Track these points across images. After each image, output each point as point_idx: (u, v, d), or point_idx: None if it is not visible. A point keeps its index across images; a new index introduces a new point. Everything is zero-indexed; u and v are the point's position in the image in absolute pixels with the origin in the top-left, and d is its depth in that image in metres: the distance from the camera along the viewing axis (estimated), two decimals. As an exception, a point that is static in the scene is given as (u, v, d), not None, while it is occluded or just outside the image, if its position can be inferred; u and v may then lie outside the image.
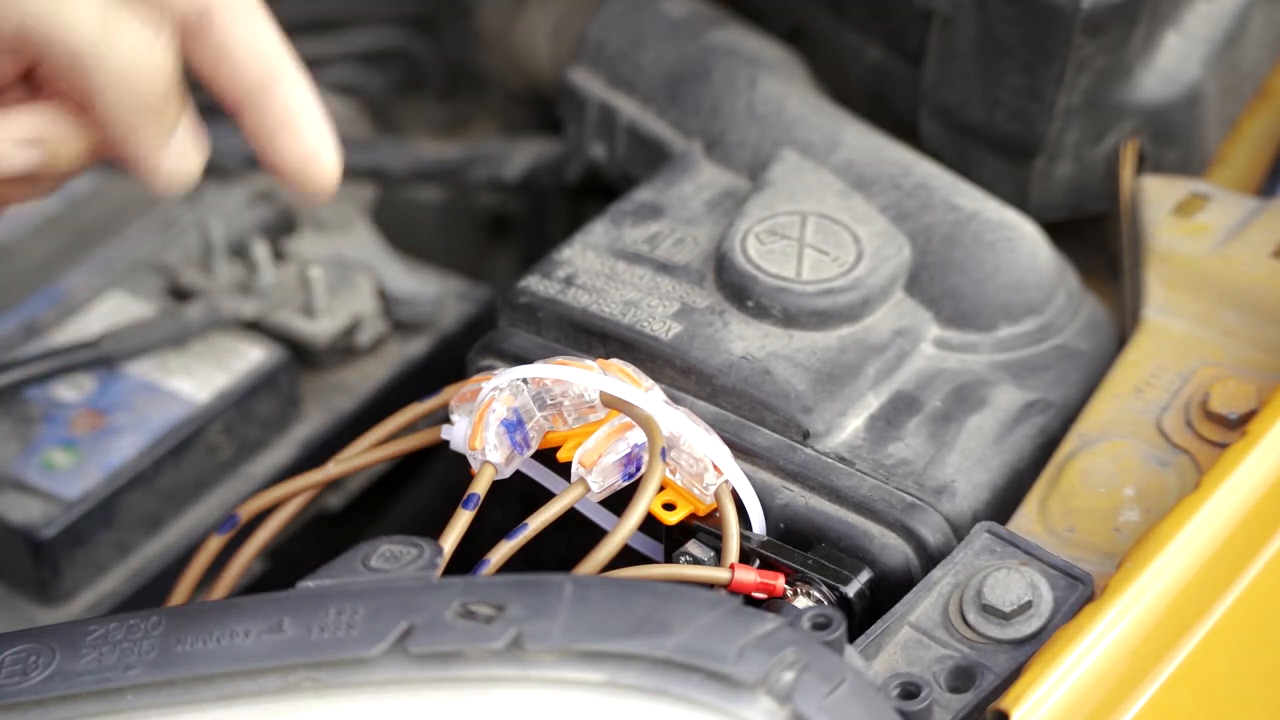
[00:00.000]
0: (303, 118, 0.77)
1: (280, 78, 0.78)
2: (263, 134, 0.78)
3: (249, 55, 0.77)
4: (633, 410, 0.83)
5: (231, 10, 0.77)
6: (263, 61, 0.77)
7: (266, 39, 0.78)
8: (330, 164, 0.78)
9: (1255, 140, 1.05)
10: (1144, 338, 0.90)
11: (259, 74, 0.77)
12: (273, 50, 0.78)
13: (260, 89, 0.78)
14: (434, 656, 0.71)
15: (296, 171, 0.78)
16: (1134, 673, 0.76)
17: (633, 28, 1.04)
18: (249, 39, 0.77)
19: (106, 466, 0.97)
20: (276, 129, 0.77)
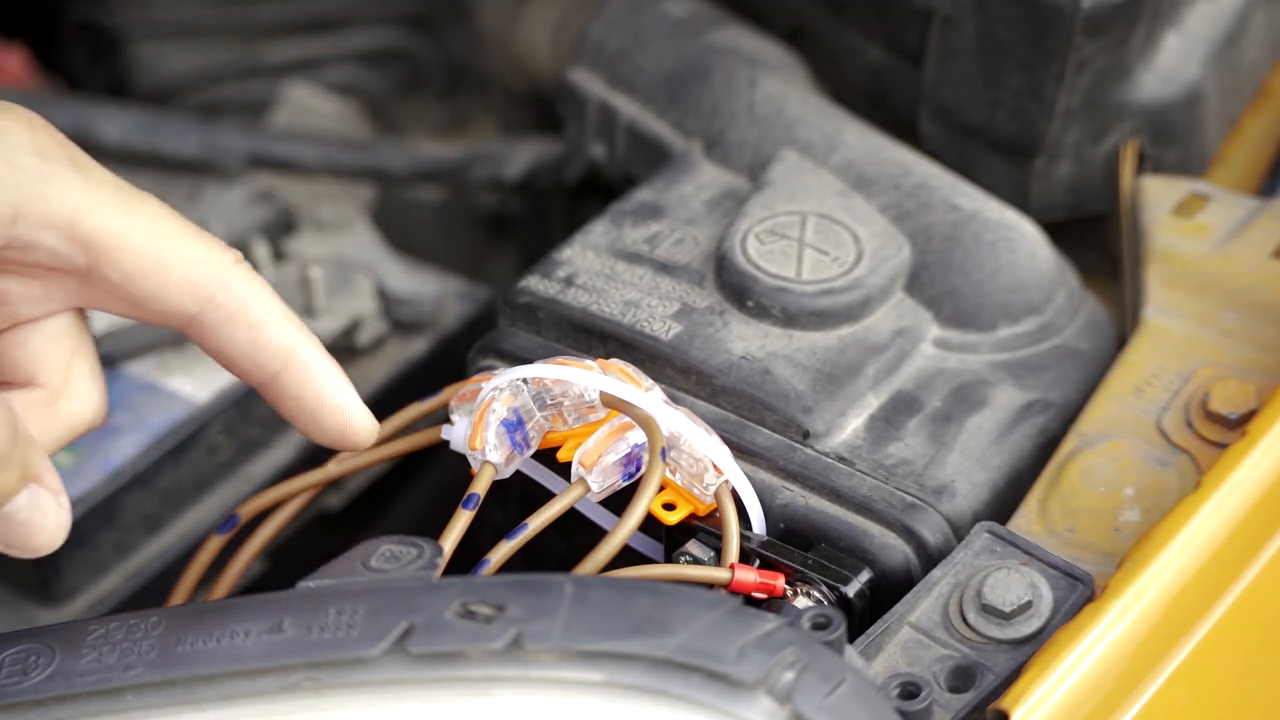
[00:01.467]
0: (322, 399, 0.75)
1: (284, 370, 0.75)
2: (287, 414, 0.76)
3: (247, 356, 0.75)
4: (633, 410, 0.83)
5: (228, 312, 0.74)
6: (262, 359, 0.75)
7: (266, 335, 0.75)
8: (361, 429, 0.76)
9: (1255, 140, 1.05)
10: (1144, 338, 0.90)
11: (260, 370, 0.75)
12: (273, 345, 0.75)
13: (263, 383, 0.75)
14: (434, 656, 0.71)
15: (331, 443, 0.77)
16: (1134, 673, 0.76)
17: (633, 28, 1.04)
18: (245, 340, 0.75)
19: (106, 466, 0.97)
20: (297, 412, 0.76)
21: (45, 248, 0.72)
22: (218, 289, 0.74)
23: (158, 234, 0.73)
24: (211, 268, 0.74)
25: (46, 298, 0.75)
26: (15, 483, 0.71)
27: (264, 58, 1.26)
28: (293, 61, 1.26)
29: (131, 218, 0.73)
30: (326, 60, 1.27)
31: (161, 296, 0.73)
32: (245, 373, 0.75)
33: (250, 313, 0.74)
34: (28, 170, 0.71)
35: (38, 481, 0.72)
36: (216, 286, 0.74)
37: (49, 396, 0.75)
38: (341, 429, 0.76)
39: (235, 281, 0.74)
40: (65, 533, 0.73)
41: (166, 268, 0.73)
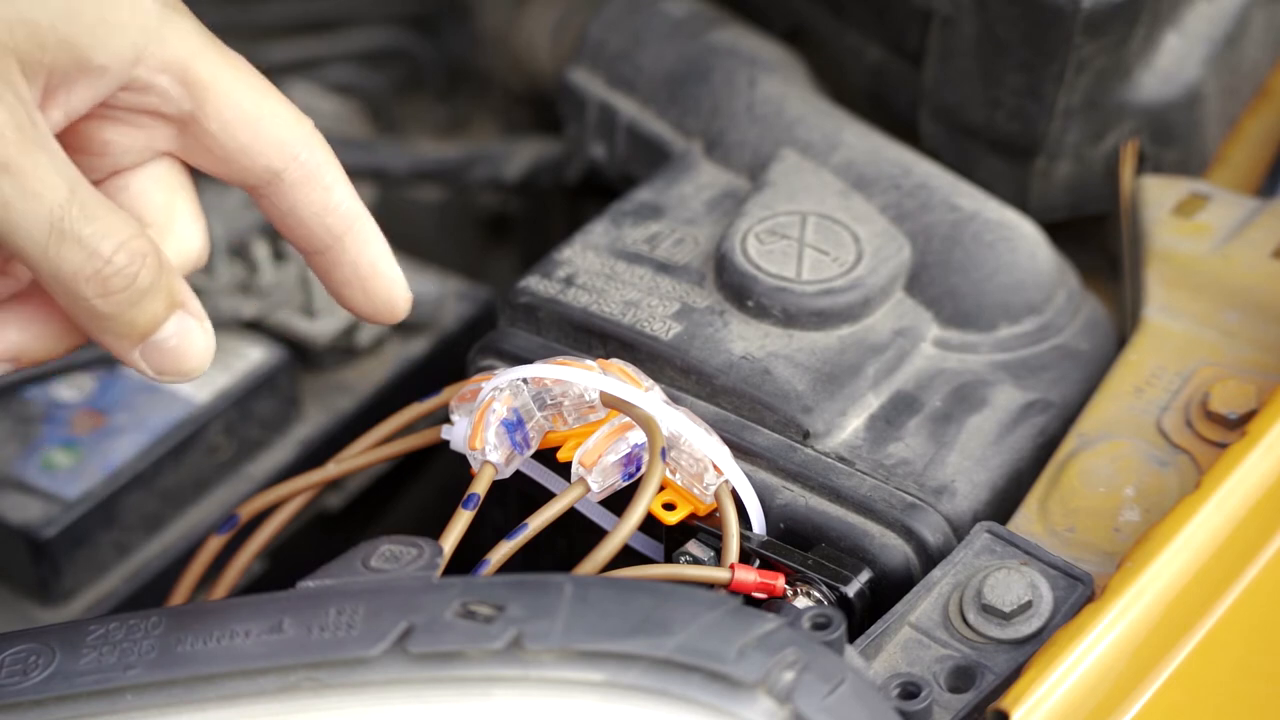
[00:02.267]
0: (377, 266, 0.79)
1: (348, 233, 0.78)
2: (332, 284, 0.79)
3: (318, 217, 0.78)
4: (633, 410, 0.83)
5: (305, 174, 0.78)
6: (330, 221, 0.78)
7: (337, 199, 0.78)
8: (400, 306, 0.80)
9: (1255, 140, 1.05)
10: (1144, 338, 0.90)
11: (326, 233, 0.78)
12: (342, 208, 0.78)
13: (326, 246, 0.79)
14: (434, 656, 0.71)
15: (366, 316, 0.80)
16: (1134, 673, 0.76)
17: (633, 28, 1.04)
18: (319, 202, 0.78)
19: (106, 466, 0.97)
20: (343, 284, 0.79)
21: (158, 90, 0.76)
22: (302, 148, 0.77)
23: (256, 88, 0.77)
24: (298, 127, 0.78)
25: (146, 147, 0.78)
26: (164, 310, 0.74)
27: (264, 57, 1.26)
28: (293, 61, 1.26)
29: (235, 70, 0.77)
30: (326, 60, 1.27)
31: (252, 149, 0.77)
32: (311, 235, 0.78)
33: (326, 175, 0.78)
34: (149, 14, 0.75)
35: (183, 308, 0.75)
36: (301, 146, 0.77)
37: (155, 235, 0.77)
38: (388, 297, 0.79)
39: (316, 144, 0.78)
40: (211, 357, 0.76)
41: (261, 120, 0.77)
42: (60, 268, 0.72)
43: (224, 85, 0.76)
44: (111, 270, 0.73)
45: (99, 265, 0.72)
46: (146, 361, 0.75)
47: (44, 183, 0.72)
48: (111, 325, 0.74)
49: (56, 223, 0.72)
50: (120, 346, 0.75)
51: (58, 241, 0.72)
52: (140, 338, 0.74)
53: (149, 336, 0.74)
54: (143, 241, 0.73)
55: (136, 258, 0.73)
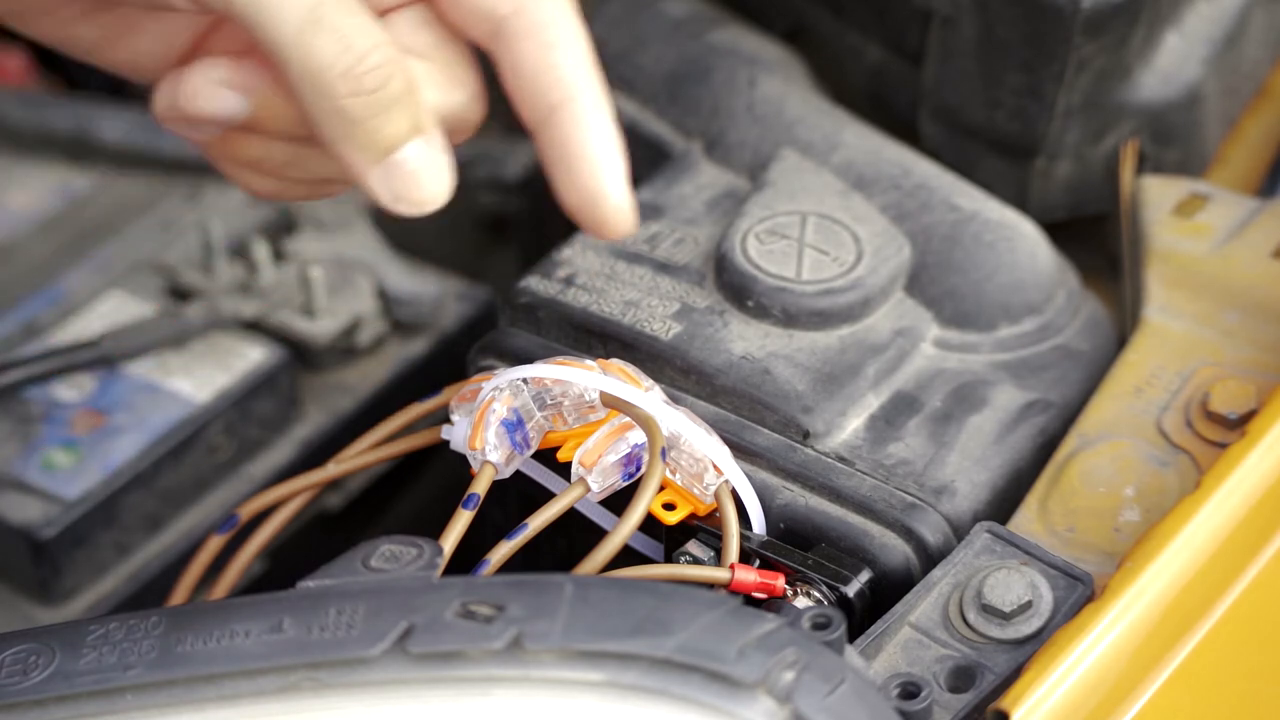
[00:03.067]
0: (587, 151, 0.75)
1: (571, 101, 0.74)
2: (548, 162, 0.75)
3: (536, 78, 0.75)
4: (633, 410, 0.83)
5: (530, 25, 0.74)
6: (547, 83, 0.74)
7: (558, 59, 0.75)
8: (614, 205, 0.75)
9: (1255, 140, 1.05)
10: (1144, 338, 0.90)
11: (543, 100, 0.75)
12: (571, 72, 0.75)
13: (549, 113, 0.75)
14: (434, 656, 0.71)
15: (576, 207, 0.75)
16: (1134, 673, 0.76)
17: (633, 28, 1.04)
18: (539, 61, 0.74)
19: (106, 466, 0.97)
20: (559, 159, 0.75)
21: None
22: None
23: None
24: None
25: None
26: (408, 127, 0.72)
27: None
28: (293, 61, 1.26)
29: None
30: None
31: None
32: (528, 99, 0.75)
33: (551, 32, 0.74)
34: None
35: (426, 135, 0.73)
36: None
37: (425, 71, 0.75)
38: (594, 189, 0.75)
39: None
40: (449, 191, 0.74)
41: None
42: (313, 57, 0.70)
43: None
44: (365, 68, 0.71)
45: (352, 61, 0.70)
46: (383, 183, 0.73)
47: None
48: (355, 133, 0.72)
49: (314, 7, 0.70)
50: (359, 161, 0.73)
51: (314, 27, 0.70)
52: (383, 152, 0.72)
53: (391, 153, 0.72)
54: (395, 49, 0.71)
55: (390, 60, 0.71)
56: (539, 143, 0.75)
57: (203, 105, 0.74)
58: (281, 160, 0.78)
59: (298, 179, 0.79)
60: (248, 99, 0.74)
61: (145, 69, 0.80)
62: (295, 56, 0.70)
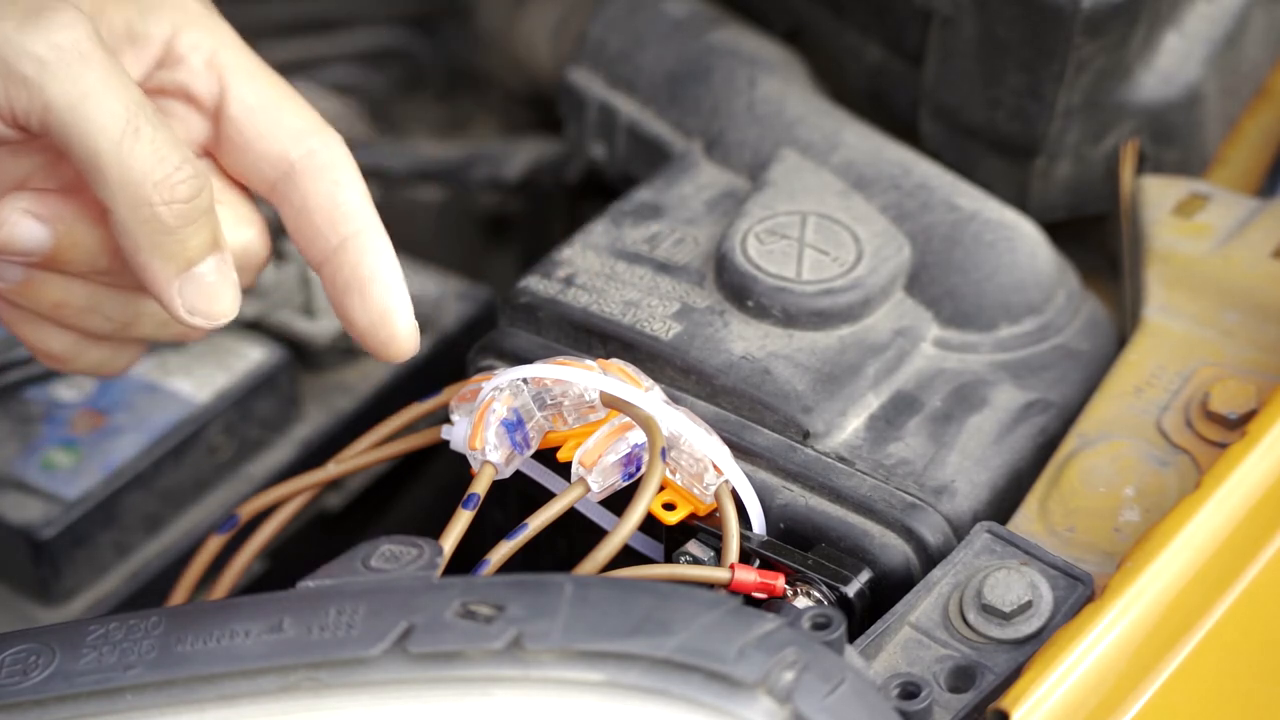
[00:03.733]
0: (379, 276, 0.79)
1: (360, 233, 0.79)
2: (338, 289, 0.79)
3: (326, 212, 0.79)
4: (633, 410, 0.83)
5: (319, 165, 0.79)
6: (338, 218, 0.79)
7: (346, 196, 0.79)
8: (400, 332, 0.79)
9: (1255, 140, 1.05)
10: (1144, 338, 0.90)
11: (333, 232, 0.79)
12: (350, 206, 0.79)
13: (332, 249, 0.79)
14: (434, 656, 0.71)
15: (367, 328, 0.79)
16: (1134, 673, 0.76)
17: (633, 28, 1.04)
18: (328, 197, 0.79)
19: (106, 466, 0.97)
20: (349, 285, 0.79)
21: (190, 68, 0.79)
22: (317, 140, 0.79)
23: (276, 83, 0.81)
24: (315, 121, 0.80)
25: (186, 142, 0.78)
26: (210, 241, 0.76)
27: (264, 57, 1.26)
28: (293, 61, 1.26)
29: (257, 64, 0.82)
30: (326, 60, 1.27)
31: (270, 135, 0.79)
32: (319, 235, 0.79)
33: (339, 171, 0.79)
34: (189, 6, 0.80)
35: (221, 253, 0.77)
36: (316, 137, 0.79)
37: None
38: (384, 311, 0.78)
39: (332, 140, 0.80)
40: (237, 308, 0.78)
41: (281, 108, 0.79)
42: (133, 165, 0.73)
43: (247, 73, 0.79)
44: (180, 177, 0.74)
45: (169, 169, 0.74)
46: (183, 296, 0.76)
47: (121, 82, 0.74)
48: (163, 242, 0.75)
49: (132, 118, 0.73)
50: (163, 274, 0.76)
51: (132, 138, 0.73)
52: (187, 264, 0.75)
53: (194, 266, 0.76)
54: (199, 164, 0.75)
55: (200, 173, 0.75)
56: (328, 272, 0.79)
57: (7, 235, 0.77)
58: (80, 304, 0.80)
59: (93, 330, 0.82)
60: (51, 229, 0.77)
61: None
62: (113, 165, 0.74)
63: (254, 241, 0.81)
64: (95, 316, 0.81)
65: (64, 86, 0.73)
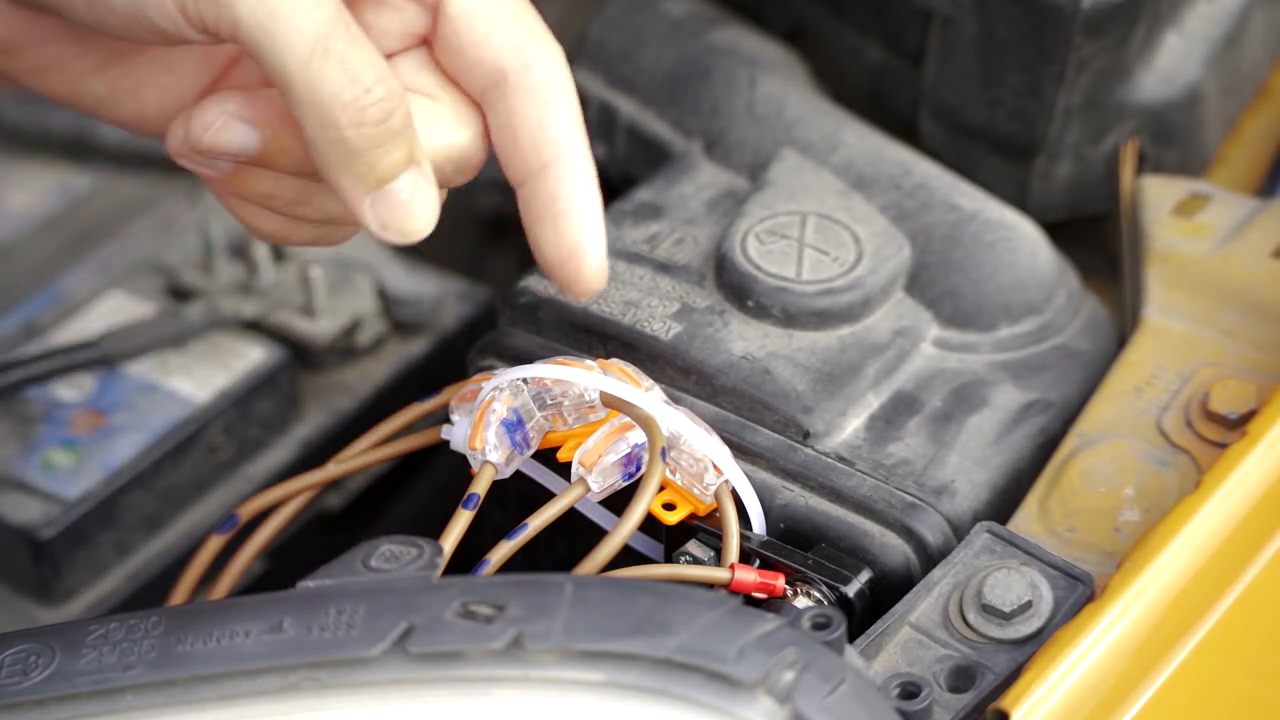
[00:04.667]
0: (574, 207, 0.76)
1: (562, 159, 0.76)
2: (528, 219, 0.77)
3: (531, 135, 0.76)
4: (633, 410, 0.83)
5: (532, 82, 0.77)
6: (541, 142, 0.76)
7: (556, 119, 0.77)
8: (588, 268, 0.77)
9: (1255, 140, 1.05)
10: (1144, 338, 0.90)
11: (534, 156, 0.77)
12: (557, 131, 0.77)
13: (531, 173, 0.77)
14: (434, 656, 0.71)
15: (556, 260, 0.77)
16: (1134, 673, 0.76)
17: (633, 28, 1.04)
18: (536, 119, 0.76)
19: (106, 466, 0.97)
20: (544, 212, 0.77)
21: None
22: (536, 56, 0.77)
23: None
24: (540, 38, 0.77)
25: (403, 32, 0.77)
26: (404, 160, 0.74)
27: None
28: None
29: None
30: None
31: (489, 42, 0.76)
32: (521, 157, 0.77)
33: (553, 92, 0.77)
34: None
35: (419, 167, 0.74)
36: (535, 54, 0.77)
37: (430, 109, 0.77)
38: (577, 243, 0.76)
39: (553, 59, 0.77)
40: (433, 223, 0.75)
41: (502, 16, 0.76)
42: (320, 87, 0.71)
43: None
44: (370, 100, 0.72)
45: (358, 92, 0.72)
46: (375, 212, 0.74)
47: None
48: (354, 164, 0.73)
49: (322, 38, 0.71)
50: (354, 191, 0.74)
51: (321, 58, 0.71)
52: (377, 183, 0.73)
53: (386, 184, 0.74)
54: (398, 82, 0.73)
55: (394, 94, 0.72)
56: (524, 195, 0.77)
57: (215, 138, 0.75)
58: (290, 196, 0.78)
59: (303, 217, 0.80)
60: (259, 132, 0.75)
61: (151, 122, 0.81)
62: (301, 85, 0.71)
63: (469, 144, 0.78)
64: (305, 208, 0.79)
65: (251, 3, 0.71)
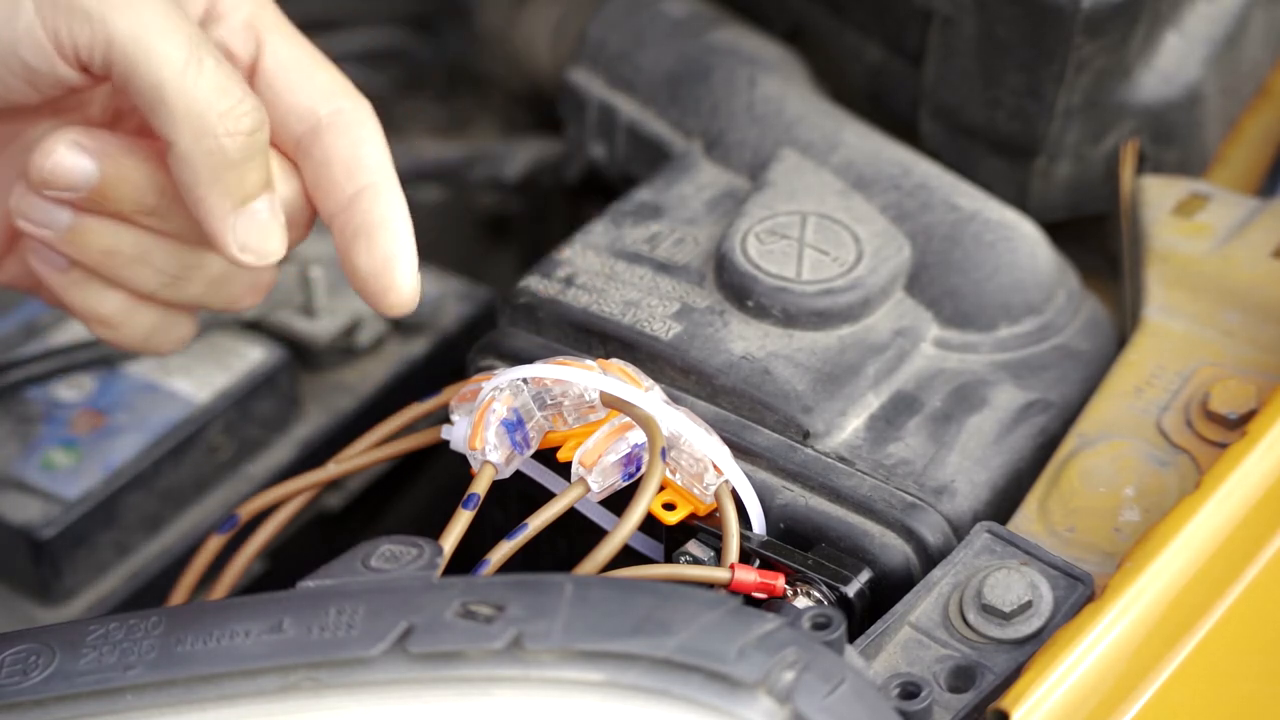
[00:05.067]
0: (388, 224, 0.79)
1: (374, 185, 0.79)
2: (342, 244, 0.79)
3: (344, 166, 0.79)
4: (633, 410, 0.83)
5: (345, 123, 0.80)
6: (355, 171, 0.79)
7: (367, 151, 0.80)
8: (399, 281, 0.79)
9: (1255, 140, 1.05)
10: (1144, 338, 0.90)
11: (349, 183, 0.79)
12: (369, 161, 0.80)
13: (347, 201, 0.79)
14: (434, 656, 0.71)
15: (363, 279, 0.79)
16: (1134, 673, 0.76)
17: (633, 28, 1.04)
18: (349, 152, 0.80)
19: (106, 466, 0.97)
20: (358, 232, 0.79)
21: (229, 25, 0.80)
22: (348, 102, 0.80)
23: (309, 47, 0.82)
24: (345, 84, 0.81)
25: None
26: (263, 182, 0.77)
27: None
28: (293, 61, 1.26)
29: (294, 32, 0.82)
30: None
31: (304, 90, 0.80)
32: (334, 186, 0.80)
33: (363, 130, 0.80)
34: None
35: (272, 192, 0.78)
36: (348, 99, 0.81)
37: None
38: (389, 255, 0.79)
39: (360, 102, 0.81)
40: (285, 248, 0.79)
41: (315, 69, 0.81)
42: (196, 97, 0.74)
43: (283, 34, 0.81)
44: (242, 110, 0.75)
45: (232, 102, 0.75)
46: (235, 232, 0.77)
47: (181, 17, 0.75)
48: (226, 175, 0.75)
49: (195, 50, 0.74)
50: (220, 207, 0.76)
51: (196, 68, 0.74)
52: (243, 199, 0.76)
53: (250, 201, 0.77)
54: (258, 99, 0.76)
55: (259, 107, 0.76)
56: (339, 224, 0.80)
57: (53, 166, 0.77)
58: (130, 252, 0.81)
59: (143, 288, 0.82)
60: (98, 164, 0.78)
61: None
62: (177, 95, 0.75)
63: (292, 199, 0.81)
64: (145, 269, 0.81)
65: (126, 19, 0.74)
